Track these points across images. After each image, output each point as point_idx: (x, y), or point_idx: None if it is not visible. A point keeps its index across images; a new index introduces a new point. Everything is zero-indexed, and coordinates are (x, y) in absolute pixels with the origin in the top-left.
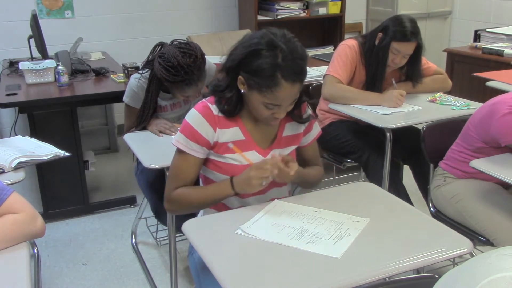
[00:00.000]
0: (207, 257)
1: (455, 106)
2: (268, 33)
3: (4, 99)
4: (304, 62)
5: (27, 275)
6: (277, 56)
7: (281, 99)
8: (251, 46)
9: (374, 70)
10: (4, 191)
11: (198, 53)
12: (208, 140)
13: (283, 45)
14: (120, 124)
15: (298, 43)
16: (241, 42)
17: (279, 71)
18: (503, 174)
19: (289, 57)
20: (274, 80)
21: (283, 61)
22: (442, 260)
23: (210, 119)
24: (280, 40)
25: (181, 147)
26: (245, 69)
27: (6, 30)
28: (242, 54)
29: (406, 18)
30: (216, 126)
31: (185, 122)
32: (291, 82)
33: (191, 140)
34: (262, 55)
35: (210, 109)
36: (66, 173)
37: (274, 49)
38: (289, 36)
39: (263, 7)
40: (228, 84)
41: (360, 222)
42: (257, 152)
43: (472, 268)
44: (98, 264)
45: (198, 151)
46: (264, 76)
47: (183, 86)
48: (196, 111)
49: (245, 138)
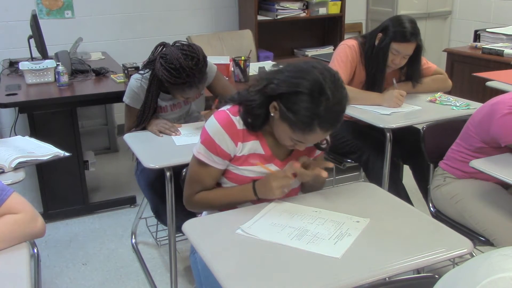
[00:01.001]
0: (207, 257)
1: (455, 106)
2: (317, 73)
3: (4, 99)
4: (343, 113)
5: (27, 275)
6: (320, 104)
7: (309, 141)
8: (298, 86)
9: (374, 70)
10: (5, 191)
11: (200, 56)
12: (229, 154)
13: (330, 94)
14: (120, 124)
15: (345, 91)
16: (289, 71)
17: (317, 120)
18: (503, 174)
19: (331, 109)
20: (309, 126)
21: (324, 111)
22: (442, 260)
23: (232, 133)
24: (329, 87)
25: (203, 159)
26: (284, 101)
27: (6, 30)
28: (286, 88)
29: (406, 19)
30: (238, 141)
31: (206, 134)
32: (325, 131)
33: (213, 152)
34: (304, 99)
35: (233, 123)
36: (66, 173)
37: (319, 96)
38: (338, 82)
39: (263, 7)
40: (260, 103)
41: (360, 222)
42: (274, 164)
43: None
44: (98, 264)
45: (219, 163)
46: (300, 118)
47: (184, 88)
48: (218, 124)
49: (265, 153)
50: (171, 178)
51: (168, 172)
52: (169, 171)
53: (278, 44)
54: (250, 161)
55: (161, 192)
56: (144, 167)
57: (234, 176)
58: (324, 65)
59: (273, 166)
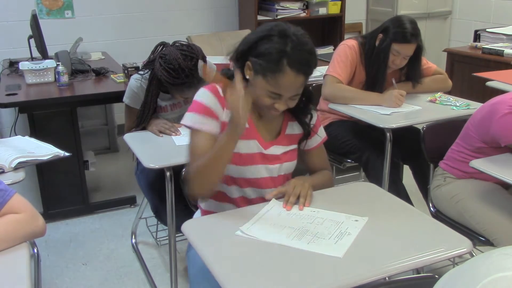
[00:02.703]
0: (207, 257)
1: (455, 106)
2: (282, 23)
3: (4, 99)
4: (311, 57)
5: (27, 275)
6: (286, 44)
7: (284, 88)
8: (263, 31)
9: (375, 71)
10: (7, 192)
11: (199, 56)
12: (217, 115)
13: (293, 37)
14: (120, 124)
15: (309, 40)
16: (255, 30)
17: (285, 58)
18: (503, 174)
19: (298, 48)
20: (279, 66)
21: (291, 50)
22: (442, 260)
23: (219, 97)
24: (293, 32)
25: (196, 126)
26: (254, 52)
27: (6, 30)
28: (254, 38)
29: (407, 19)
30: (225, 106)
31: (194, 102)
32: (295, 71)
33: (205, 115)
34: (272, 41)
35: (218, 91)
36: (66, 173)
37: (285, 37)
38: (301, 32)
39: (263, 7)
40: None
41: (359, 221)
42: (258, 141)
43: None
44: (98, 264)
45: (212, 125)
46: (270, 59)
47: (183, 89)
48: (206, 90)
49: (249, 126)
50: (171, 178)
51: (168, 172)
52: (169, 171)
53: None
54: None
55: (161, 192)
56: (144, 167)
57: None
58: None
59: (255, 143)
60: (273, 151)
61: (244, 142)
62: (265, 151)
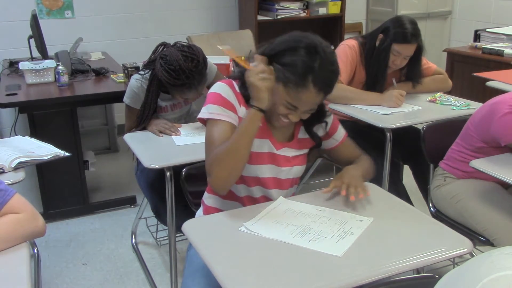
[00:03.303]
0: (207, 257)
1: (455, 106)
2: (314, 38)
3: (4, 99)
4: (335, 78)
5: (27, 275)
6: (315, 60)
7: (303, 102)
8: (293, 41)
9: (375, 71)
10: (7, 192)
11: (200, 58)
12: (235, 108)
13: (323, 53)
14: (120, 124)
15: (336, 59)
16: (285, 36)
17: (311, 74)
18: (503, 174)
19: (325, 66)
20: (303, 81)
21: (319, 68)
22: (442, 260)
23: (235, 92)
24: (323, 48)
25: (215, 116)
26: (279, 60)
27: (6, 30)
28: (282, 46)
29: (407, 20)
30: (241, 102)
31: (212, 94)
32: (318, 89)
33: (224, 106)
34: (300, 54)
35: (234, 86)
36: (66, 173)
37: (315, 53)
38: (331, 49)
39: (263, 7)
40: None
41: (364, 221)
42: (270, 141)
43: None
44: (98, 264)
45: (230, 116)
46: (296, 72)
47: (183, 90)
48: (223, 83)
49: (262, 125)
50: (171, 178)
51: (168, 172)
52: (169, 171)
53: None
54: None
55: (161, 192)
56: (144, 167)
57: None
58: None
59: (267, 142)
60: (284, 152)
61: (257, 140)
62: (276, 151)
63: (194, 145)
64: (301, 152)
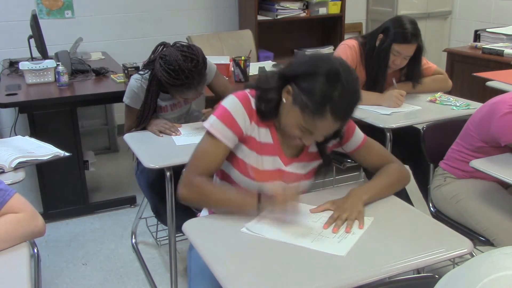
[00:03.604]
0: (208, 257)
1: (455, 106)
2: (336, 61)
3: (4, 99)
4: (356, 105)
5: (27, 275)
6: (335, 88)
7: (317, 129)
8: (315, 65)
9: (375, 71)
10: (7, 192)
11: (200, 58)
12: (242, 130)
13: (345, 82)
14: (120, 124)
15: (358, 85)
16: (309, 57)
17: (330, 104)
18: (503, 174)
19: (346, 96)
20: (320, 109)
21: (339, 97)
22: (442, 260)
23: (248, 109)
24: (345, 76)
25: (214, 132)
26: (298, 83)
27: (6, 30)
28: (303, 68)
29: (407, 20)
30: (252, 119)
31: (222, 107)
32: (335, 119)
33: (226, 125)
34: (321, 80)
35: (250, 101)
36: (66, 173)
37: (336, 81)
38: (353, 75)
39: (263, 7)
40: (275, 87)
41: (365, 221)
42: (279, 158)
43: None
44: (98, 264)
45: (230, 139)
46: (313, 100)
47: (182, 90)
48: (236, 98)
49: (273, 143)
50: (171, 178)
51: (168, 172)
52: (169, 171)
53: (278, 44)
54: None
55: (161, 192)
56: (144, 167)
57: (240, 164)
58: (341, 58)
59: (277, 159)
60: (293, 169)
61: (266, 158)
62: (284, 168)
63: (194, 145)
64: (311, 166)
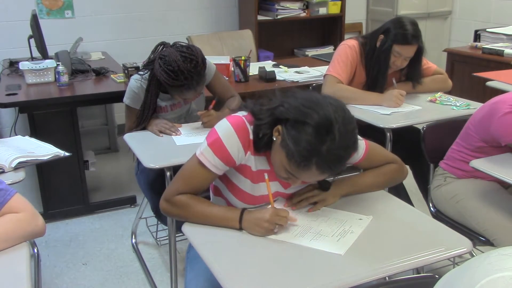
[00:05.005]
0: (207, 257)
1: (455, 106)
2: (331, 110)
3: (4, 99)
4: (346, 160)
5: (27, 275)
6: (324, 142)
7: (303, 177)
8: (307, 116)
9: (375, 72)
10: (8, 192)
11: (199, 59)
12: (235, 161)
13: (337, 134)
14: (120, 124)
15: (354, 137)
16: (304, 99)
17: (316, 158)
18: (503, 174)
19: (334, 151)
20: (306, 161)
21: (326, 151)
22: (442, 259)
23: (244, 140)
24: (339, 128)
25: (204, 162)
26: (288, 128)
27: (6, 30)
28: (294, 114)
29: (408, 21)
30: (248, 150)
31: (215, 136)
32: (321, 172)
33: (218, 156)
34: (309, 132)
35: (247, 130)
36: (66, 173)
37: (326, 134)
38: (350, 127)
39: (263, 7)
40: (267, 123)
41: (363, 220)
42: (279, 183)
43: (472, 268)
44: (98, 264)
45: (220, 168)
46: (300, 150)
47: (182, 90)
48: (231, 127)
49: (270, 169)
50: (171, 178)
51: (168, 172)
52: (169, 171)
53: (278, 44)
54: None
55: (161, 192)
56: (144, 167)
57: (234, 187)
58: (342, 105)
59: (277, 184)
60: (293, 190)
61: (264, 184)
62: (284, 191)
63: (194, 145)
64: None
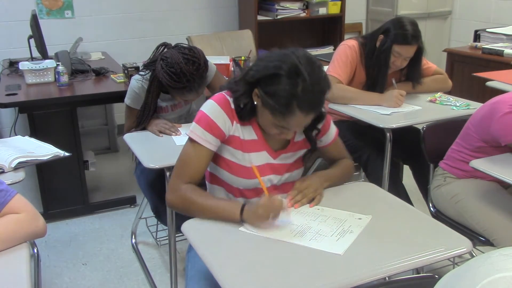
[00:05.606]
0: (207, 257)
1: (455, 106)
2: (294, 57)
3: (4, 99)
4: (324, 95)
5: (27, 275)
6: (297, 85)
7: (291, 126)
8: (274, 68)
9: (375, 72)
10: (8, 192)
11: (201, 61)
12: (224, 133)
13: (306, 75)
14: (120, 124)
15: (323, 73)
16: (268, 57)
17: (295, 101)
18: (503, 174)
19: (309, 89)
20: (288, 108)
21: (302, 92)
22: (442, 259)
23: (228, 111)
24: (305, 68)
25: (196, 138)
26: (262, 87)
27: (6, 30)
28: (262, 73)
29: (408, 21)
30: (234, 120)
31: (201, 113)
32: (305, 113)
33: (208, 131)
34: (282, 81)
35: (228, 102)
36: (66, 173)
37: (296, 77)
38: (315, 64)
39: (263, 7)
40: (244, 92)
41: (363, 220)
42: (267, 152)
43: (472, 268)
44: (98, 264)
45: (212, 143)
46: (279, 102)
47: (183, 92)
48: (214, 102)
49: (258, 138)
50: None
51: (168, 172)
52: (169, 171)
53: (278, 44)
54: (250, 158)
55: (161, 192)
56: (144, 167)
57: (228, 163)
58: (300, 49)
59: (265, 154)
60: (282, 160)
61: (254, 154)
62: (274, 161)
63: None
64: (299, 154)
